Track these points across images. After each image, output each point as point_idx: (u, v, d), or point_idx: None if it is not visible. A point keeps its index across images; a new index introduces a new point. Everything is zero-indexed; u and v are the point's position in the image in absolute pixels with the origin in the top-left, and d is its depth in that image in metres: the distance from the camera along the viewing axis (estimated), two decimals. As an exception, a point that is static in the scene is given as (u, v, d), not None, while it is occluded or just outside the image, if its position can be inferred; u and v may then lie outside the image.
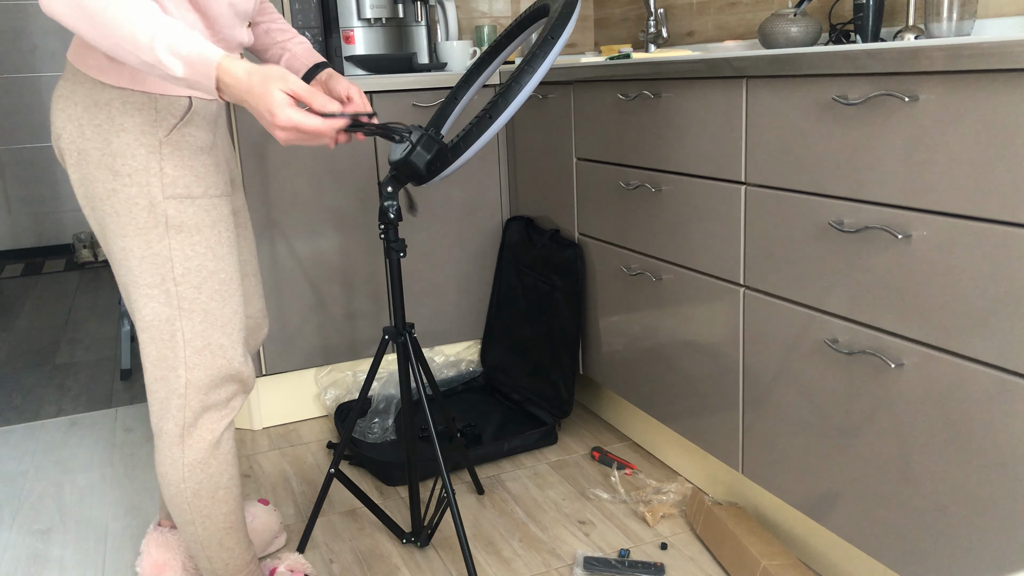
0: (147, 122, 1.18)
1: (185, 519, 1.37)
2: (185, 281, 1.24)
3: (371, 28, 2.43)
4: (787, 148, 1.44)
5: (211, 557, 1.40)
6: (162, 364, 1.28)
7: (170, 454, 1.33)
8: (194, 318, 1.26)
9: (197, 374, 1.29)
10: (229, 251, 1.29)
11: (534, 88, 1.55)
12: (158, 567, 1.59)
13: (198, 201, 1.23)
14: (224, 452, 1.36)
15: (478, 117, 1.45)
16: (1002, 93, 1.07)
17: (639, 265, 1.92)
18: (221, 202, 1.27)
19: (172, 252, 1.22)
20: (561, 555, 1.72)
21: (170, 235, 1.22)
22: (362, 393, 1.69)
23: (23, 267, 4.84)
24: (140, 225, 1.21)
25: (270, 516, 1.73)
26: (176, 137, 1.20)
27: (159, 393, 1.30)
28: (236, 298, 1.32)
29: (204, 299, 1.26)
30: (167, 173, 1.20)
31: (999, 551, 1.17)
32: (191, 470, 1.33)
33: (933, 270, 1.20)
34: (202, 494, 1.35)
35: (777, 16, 1.92)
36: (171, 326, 1.26)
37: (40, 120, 4.96)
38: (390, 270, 1.61)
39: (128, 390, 2.78)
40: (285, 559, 1.64)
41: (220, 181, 1.28)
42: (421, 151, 1.46)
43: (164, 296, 1.24)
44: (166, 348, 1.27)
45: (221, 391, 1.33)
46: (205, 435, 1.33)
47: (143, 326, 1.27)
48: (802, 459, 1.51)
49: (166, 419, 1.32)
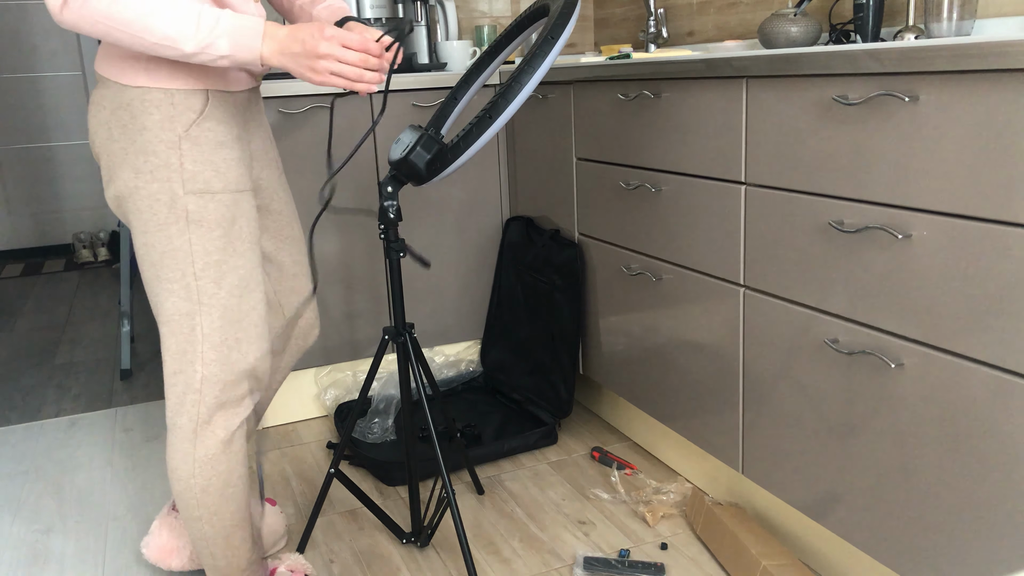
0: (166, 118, 1.20)
1: (193, 515, 1.37)
2: (205, 276, 1.25)
3: (372, 27, 2.43)
4: (787, 148, 1.44)
5: (215, 554, 1.40)
6: (181, 358, 1.29)
7: (182, 448, 1.33)
8: (213, 313, 1.27)
9: (213, 369, 1.30)
10: (250, 247, 1.30)
11: (534, 88, 1.55)
12: (166, 552, 1.58)
13: (218, 196, 1.24)
14: (236, 449, 1.36)
15: (478, 117, 1.45)
16: (1002, 93, 1.07)
17: (639, 265, 1.92)
18: (242, 197, 1.28)
19: (192, 247, 1.23)
20: (561, 555, 1.72)
21: (190, 230, 1.23)
22: (362, 393, 1.69)
23: (23, 267, 4.84)
24: (160, 221, 1.23)
25: (276, 517, 1.73)
26: (195, 132, 1.22)
27: (177, 387, 1.31)
28: (255, 294, 1.32)
29: (223, 295, 1.27)
30: (187, 168, 1.21)
31: (999, 551, 1.17)
32: (202, 466, 1.33)
33: (933, 270, 1.20)
34: (211, 490, 1.35)
35: (777, 16, 1.93)
36: (191, 320, 1.27)
37: (40, 120, 4.96)
38: (390, 270, 1.61)
39: (128, 390, 2.78)
40: (285, 559, 1.64)
41: (242, 176, 1.28)
42: (421, 151, 1.46)
43: (184, 291, 1.26)
44: (185, 343, 1.28)
45: (236, 388, 1.33)
46: (218, 432, 1.33)
47: (163, 320, 1.28)
48: (802, 459, 1.51)
49: (180, 413, 1.32)
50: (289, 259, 1.54)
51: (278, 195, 1.49)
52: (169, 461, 1.36)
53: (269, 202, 1.47)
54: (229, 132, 1.27)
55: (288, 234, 1.52)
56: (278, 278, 1.53)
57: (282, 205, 1.50)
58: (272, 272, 1.52)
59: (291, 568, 1.61)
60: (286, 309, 1.55)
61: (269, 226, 1.49)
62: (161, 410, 2.59)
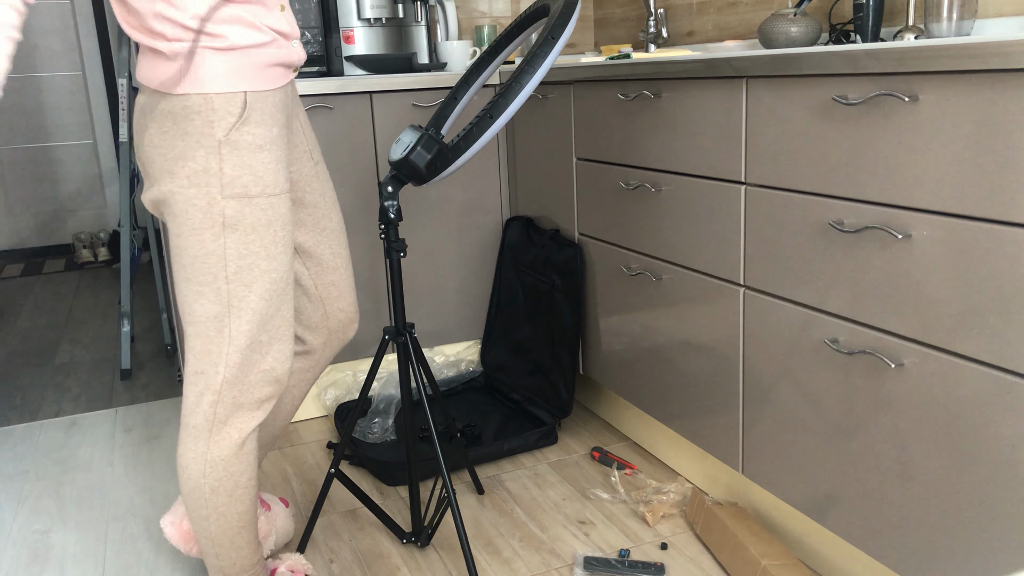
0: (206, 124, 1.21)
1: (200, 514, 1.37)
2: (237, 279, 1.26)
3: (371, 28, 2.43)
4: (787, 148, 1.44)
5: (220, 555, 1.41)
6: (205, 359, 1.30)
7: (194, 447, 1.34)
8: (243, 316, 1.28)
9: (235, 372, 1.30)
10: (283, 251, 1.31)
11: (534, 88, 1.55)
12: (188, 537, 1.58)
13: (255, 200, 1.25)
14: (248, 452, 1.37)
15: (478, 117, 1.45)
16: (1002, 93, 1.07)
17: (639, 265, 1.92)
18: (279, 201, 1.29)
19: (227, 251, 1.25)
20: (561, 555, 1.72)
21: (226, 234, 1.24)
22: (362, 393, 1.69)
23: (23, 267, 4.84)
24: (195, 225, 1.24)
25: (287, 519, 1.72)
26: (235, 136, 1.23)
27: (196, 387, 1.32)
28: (286, 299, 1.33)
29: (254, 298, 1.28)
30: (226, 173, 1.23)
31: (999, 551, 1.17)
32: (213, 466, 1.34)
33: (933, 270, 1.20)
34: (221, 491, 1.36)
35: (777, 16, 1.93)
36: (219, 323, 1.28)
37: (40, 120, 4.97)
38: (390, 270, 1.61)
39: (128, 390, 2.78)
40: (286, 559, 1.64)
41: (279, 179, 1.29)
42: (421, 151, 1.46)
43: (215, 294, 1.27)
44: (212, 344, 1.29)
45: (257, 391, 1.34)
46: (233, 433, 1.34)
47: (191, 320, 1.29)
48: (802, 459, 1.51)
49: (196, 413, 1.33)
50: (328, 252, 1.52)
51: (312, 187, 1.48)
52: (180, 459, 1.36)
53: (303, 195, 1.47)
54: (268, 134, 1.27)
55: (326, 226, 1.51)
56: (318, 272, 1.52)
57: (317, 197, 1.49)
58: (312, 266, 1.51)
59: (291, 568, 1.61)
60: (327, 303, 1.54)
61: (305, 220, 1.48)
62: (161, 410, 2.59)
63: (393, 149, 1.51)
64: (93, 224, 5.19)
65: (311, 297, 1.53)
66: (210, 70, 1.21)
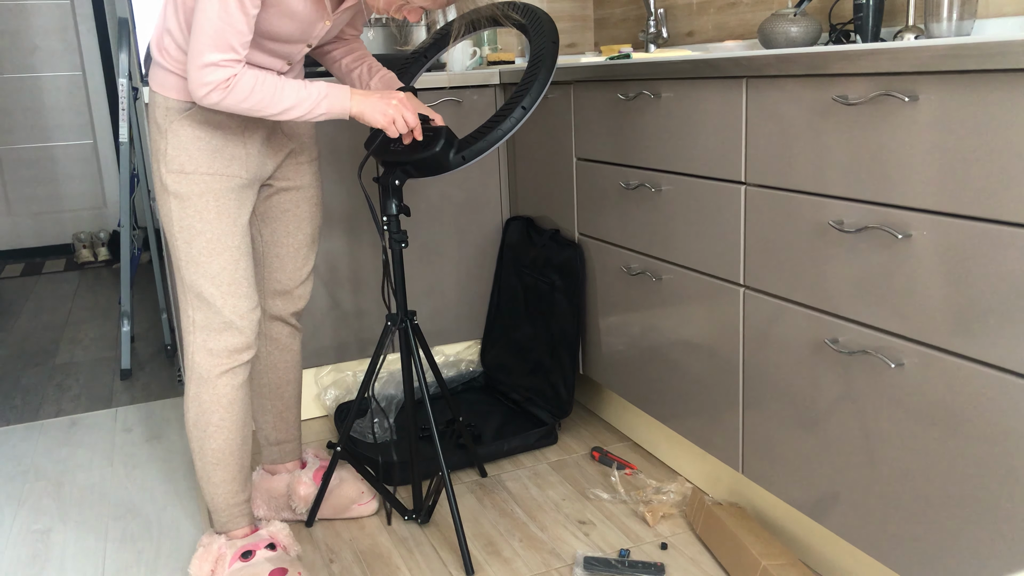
0: (163, 116, 1.52)
1: (191, 447, 1.61)
2: (180, 236, 1.52)
3: (371, 28, 2.43)
4: (787, 148, 1.44)
5: (204, 488, 1.62)
6: (183, 301, 1.56)
7: (188, 387, 1.57)
8: (190, 267, 1.53)
9: (198, 316, 1.54)
10: (216, 216, 1.52)
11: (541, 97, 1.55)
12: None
13: (189, 176, 1.51)
14: (219, 393, 1.56)
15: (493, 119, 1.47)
16: (1002, 93, 1.07)
17: (639, 265, 1.92)
18: (212, 179, 1.52)
19: (172, 213, 1.52)
20: (561, 555, 1.72)
21: (171, 200, 1.52)
22: (362, 387, 1.70)
23: (23, 267, 4.84)
24: (158, 191, 1.54)
25: (310, 487, 1.83)
26: (176, 127, 1.51)
27: (183, 329, 1.57)
28: (225, 255, 1.53)
29: (195, 252, 1.52)
30: (167, 152, 1.51)
31: (999, 551, 1.17)
32: (190, 402, 1.57)
33: (933, 270, 1.20)
34: (198, 426, 1.57)
35: (777, 16, 1.93)
36: (179, 272, 1.55)
37: (40, 120, 4.97)
38: (392, 259, 1.64)
39: (128, 390, 2.78)
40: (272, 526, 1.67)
41: (215, 163, 1.52)
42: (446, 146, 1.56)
43: (173, 248, 1.54)
44: (179, 290, 1.56)
45: (220, 338, 1.54)
46: (201, 372, 1.55)
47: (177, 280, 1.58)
48: (802, 459, 1.51)
49: (187, 355, 1.56)
50: (291, 263, 1.76)
51: (289, 178, 1.69)
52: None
53: (285, 184, 1.70)
54: (211, 129, 1.52)
55: (291, 210, 1.71)
56: (279, 267, 1.75)
57: (290, 204, 1.71)
58: (272, 262, 1.74)
59: (272, 535, 1.64)
60: (268, 271, 1.76)
61: (272, 219, 1.72)
62: (161, 410, 2.59)
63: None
64: (93, 224, 5.19)
65: (256, 262, 1.76)
66: (177, 84, 1.50)
